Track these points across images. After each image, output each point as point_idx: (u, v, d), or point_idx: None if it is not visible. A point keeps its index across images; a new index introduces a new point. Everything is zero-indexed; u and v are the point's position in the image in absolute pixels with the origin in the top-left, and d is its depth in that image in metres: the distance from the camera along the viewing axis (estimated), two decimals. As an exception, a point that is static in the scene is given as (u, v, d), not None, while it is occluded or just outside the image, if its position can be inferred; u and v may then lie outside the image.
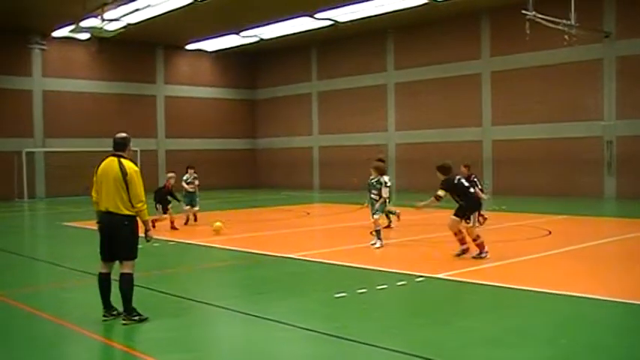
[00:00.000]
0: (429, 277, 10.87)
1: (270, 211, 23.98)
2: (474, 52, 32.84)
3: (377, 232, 14.59)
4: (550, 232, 16.78)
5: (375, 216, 14.58)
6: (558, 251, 13.71)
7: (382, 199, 14.62)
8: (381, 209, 14.78)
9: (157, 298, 9.84)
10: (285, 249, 14.40)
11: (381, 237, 14.63)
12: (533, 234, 16.63)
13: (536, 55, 30.12)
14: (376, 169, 14.93)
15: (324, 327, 7.92)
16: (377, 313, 8.83)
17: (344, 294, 9.61)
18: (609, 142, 28.51)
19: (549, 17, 24.03)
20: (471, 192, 13.22)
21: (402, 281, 10.51)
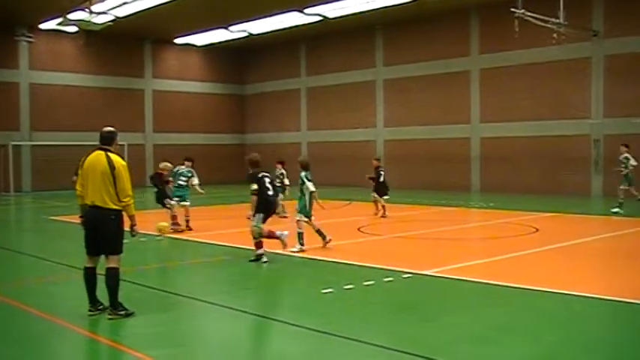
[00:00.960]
0: (416, 274, 10.87)
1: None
2: (463, 49, 32.89)
3: (299, 235, 13.54)
4: (537, 230, 16.83)
5: (296, 217, 13.68)
6: (545, 248, 13.74)
7: (307, 196, 13.59)
8: (301, 210, 13.59)
9: (144, 293, 9.80)
10: (273, 245, 14.35)
11: (303, 241, 13.53)
12: (521, 231, 16.68)
13: (524, 52, 30.19)
14: (299, 163, 14.00)
15: (311, 322, 7.91)
16: (364, 309, 8.82)
17: (331, 290, 9.60)
18: (596, 141, 28.63)
19: (538, 15, 24.08)
20: (269, 194, 12.40)
21: (388, 277, 10.51)
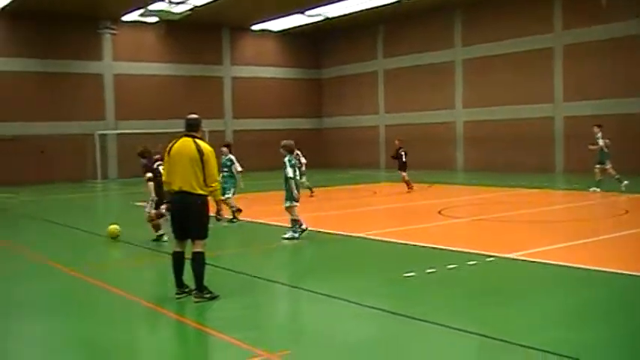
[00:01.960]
0: (500, 257, 10.66)
1: (336, 190, 23.97)
2: (545, 26, 31.92)
3: (292, 222, 13.19)
4: (627, 212, 16.28)
5: (285, 204, 13.32)
6: (635, 231, 13.29)
7: (289, 181, 13.07)
8: (288, 196, 13.17)
9: (227, 277, 9.94)
10: (353, 228, 14.36)
11: (297, 228, 13.14)
12: (610, 213, 16.18)
13: (609, 27, 29.05)
14: (283, 147, 13.40)
15: (392, 306, 7.86)
16: (446, 292, 8.71)
17: (413, 273, 9.52)
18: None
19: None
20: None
21: (472, 261, 10.34)
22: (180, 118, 8.69)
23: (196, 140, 8.35)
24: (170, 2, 27.66)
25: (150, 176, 12.83)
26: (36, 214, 19.56)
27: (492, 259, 10.55)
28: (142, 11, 31.92)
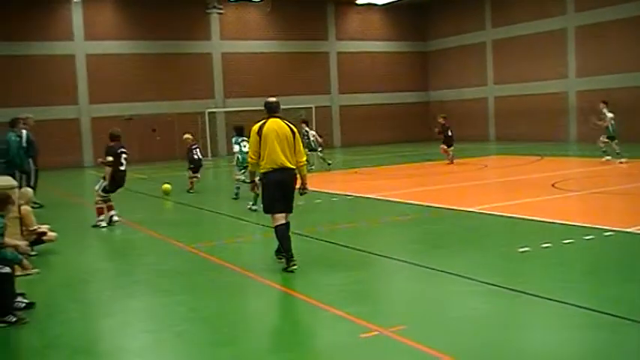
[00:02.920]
0: (619, 232, 10.23)
1: (445, 164, 23.61)
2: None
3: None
4: None
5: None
6: None
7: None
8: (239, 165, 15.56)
9: (339, 252, 10.03)
10: (464, 202, 14.14)
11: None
12: None
13: None
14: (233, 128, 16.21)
15: (506, 282, 7.71)
16: (562, 268, 8.46)
17: (527, 248, 9.28)
18: None
19: None
20: (120, 168, 13.25)
21: (589, 235, 9.98)
22: (287, 95, 8.92)
23: (285, 121, 8.92)
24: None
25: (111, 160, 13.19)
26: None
27: (611, 233, 10.14)
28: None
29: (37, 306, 7.61)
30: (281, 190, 8.76)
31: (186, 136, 19.87)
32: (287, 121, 8.94)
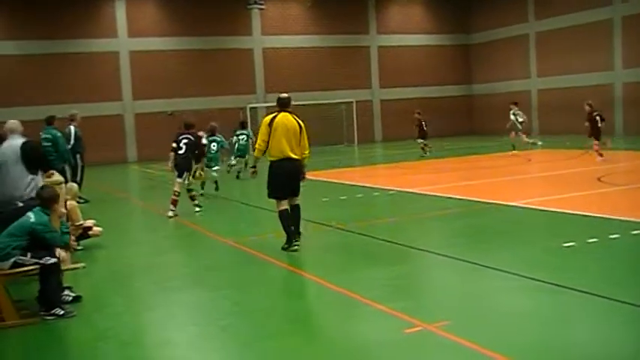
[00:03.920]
0: (668, 226, 10.05)
1: (489, 158, 23.41)
2: None
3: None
4: None
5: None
6: None
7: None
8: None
9: (380, 246, 10.03)
10: (508, 197, 14.00)
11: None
12: None
13: None
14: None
15: (551, 277, 7.61)
16: (607, 263, 8.34)
17: (572, 243, 9.17)
18: None
19: None
20: (179, 152, 13.84)
21: (636, 230, 9.81)
22: (328, 90, 9.02)
23: (294, 115, 9.87)
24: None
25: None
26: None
27: (659, 228, 9.96)
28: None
29: (83, 299, 7.78)
30: (287, 177, 9.78)
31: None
32: (295, 116, 9.89)
